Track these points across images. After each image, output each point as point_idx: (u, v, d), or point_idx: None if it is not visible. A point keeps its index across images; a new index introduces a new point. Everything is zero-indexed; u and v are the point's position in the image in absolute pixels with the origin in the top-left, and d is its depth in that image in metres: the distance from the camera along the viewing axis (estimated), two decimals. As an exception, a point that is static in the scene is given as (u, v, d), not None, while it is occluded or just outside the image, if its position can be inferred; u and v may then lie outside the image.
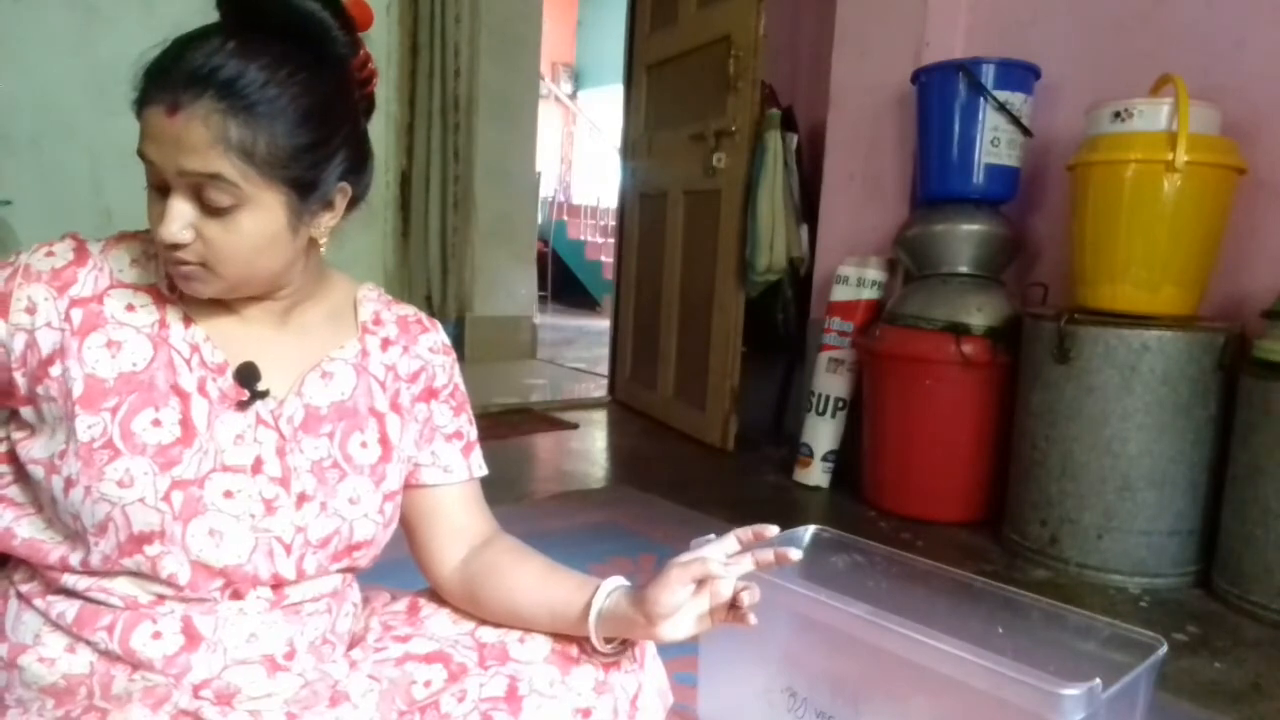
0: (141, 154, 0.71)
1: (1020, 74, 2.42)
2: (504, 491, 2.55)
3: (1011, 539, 2.26)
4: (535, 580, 0.86)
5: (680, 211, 3.46)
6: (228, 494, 0.75)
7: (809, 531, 1.48)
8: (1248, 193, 2.12)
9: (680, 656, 1.41)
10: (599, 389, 4.23)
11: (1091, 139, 2.14)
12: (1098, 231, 2.12)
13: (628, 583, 0.83)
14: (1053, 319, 2.12)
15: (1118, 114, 2.08)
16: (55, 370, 0.74)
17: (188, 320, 0.79)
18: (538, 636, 0.85)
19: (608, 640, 0.82)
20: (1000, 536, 2.32)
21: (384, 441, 0.86)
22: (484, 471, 0.95)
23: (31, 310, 0.74)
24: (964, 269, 2.47)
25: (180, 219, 0.71)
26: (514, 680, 0.81)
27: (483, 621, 0.88)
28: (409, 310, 0.94)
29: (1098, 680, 0.94)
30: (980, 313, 2.38)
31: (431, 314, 1.03)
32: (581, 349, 5.71)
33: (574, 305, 8.52)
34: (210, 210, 0.71)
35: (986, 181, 2.43)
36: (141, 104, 0.70)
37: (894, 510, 2.51)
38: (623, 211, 4.00)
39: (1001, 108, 2.39)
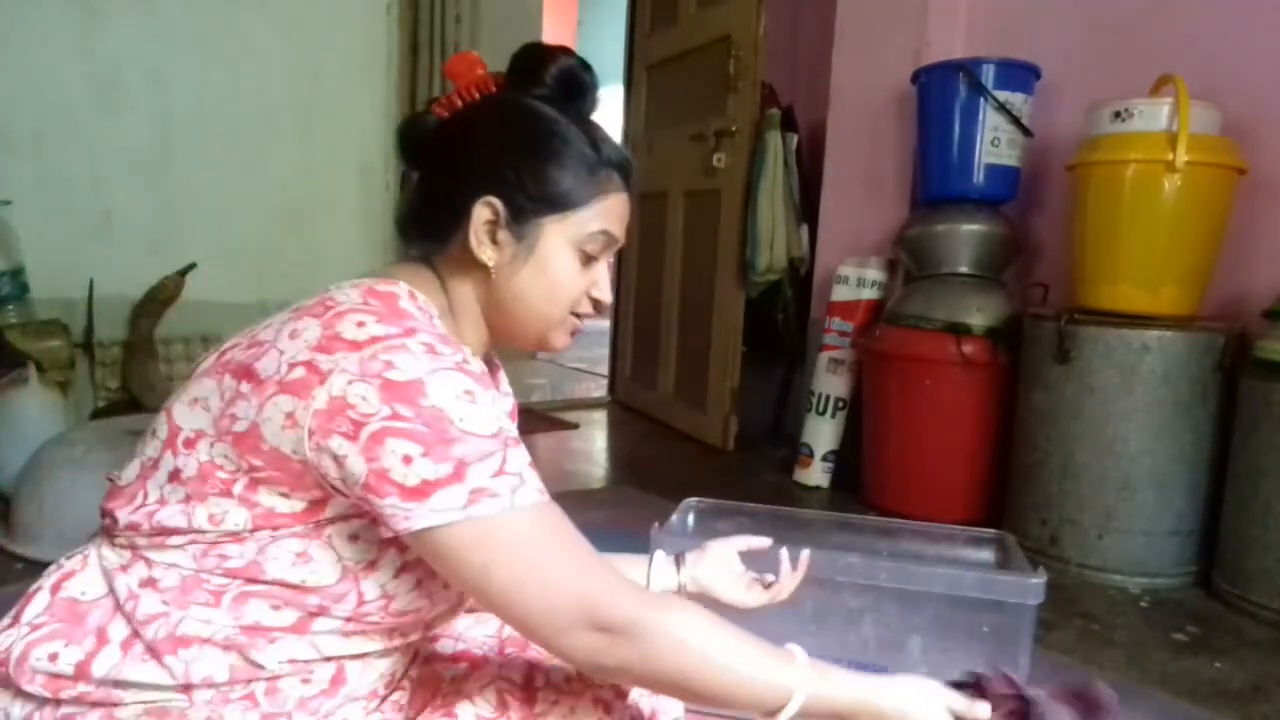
0: (606, 232, 0.80)
1: (1020, 74, 2.42)
2: (504, 491, 2.55)
3: (1011, 539, 2.26)
4: None
5: (680, 211, 3.46)
6: None
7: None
8: (1248, 193, 2.11)
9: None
10: (599, 389, 4.23)
11: (1091, 139, 2.14)
12: (1098, 231, 2.12)
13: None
14: (1053, 319, 2.12)
15: (1118, 114, 2.08)
16: None
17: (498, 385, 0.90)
18: None
19: None
20: (1000, 536, 2.32)
21: None
22: None
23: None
24: (964, 269, 2.47)
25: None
26: (532, 668, 0.86)
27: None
28: None
29: (1041, 568, 1.28)
30: (980, 313, 2.38)
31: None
32: (581, 349, 5.68)
33: (574, 305, 8.51)
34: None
35: (987, 181, 2.43)
36: (605, 190, 0.80)
37: (894, 510, 2.50)
38: (623, 211, 4.00)
39: (1001, 108, 2.38)
